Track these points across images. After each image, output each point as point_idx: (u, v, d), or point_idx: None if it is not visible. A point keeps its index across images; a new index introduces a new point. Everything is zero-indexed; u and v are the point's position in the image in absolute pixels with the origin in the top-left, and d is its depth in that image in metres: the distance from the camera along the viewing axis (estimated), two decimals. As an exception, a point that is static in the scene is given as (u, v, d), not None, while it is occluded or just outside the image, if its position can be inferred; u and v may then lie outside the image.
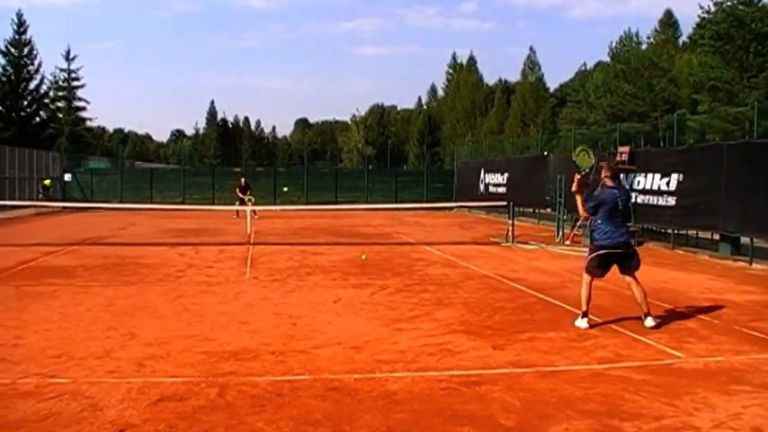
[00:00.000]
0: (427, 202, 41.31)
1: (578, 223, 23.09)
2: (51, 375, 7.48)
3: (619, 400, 6.83)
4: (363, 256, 18.11)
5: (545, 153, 33.58)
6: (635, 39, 67.33)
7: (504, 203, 26.59)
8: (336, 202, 41.47)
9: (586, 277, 10.39)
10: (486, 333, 9.66)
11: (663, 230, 22.29)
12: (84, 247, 20.59)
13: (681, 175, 20.46)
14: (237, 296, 12.52)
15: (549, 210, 29.58)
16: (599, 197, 10.33)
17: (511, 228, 22.51)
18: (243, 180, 35.82)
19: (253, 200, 33.82)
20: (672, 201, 20.78)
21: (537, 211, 32.42)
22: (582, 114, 65.35)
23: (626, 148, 23.78)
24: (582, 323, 10.10)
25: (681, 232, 21.83)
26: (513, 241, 22.01)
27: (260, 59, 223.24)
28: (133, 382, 7.27)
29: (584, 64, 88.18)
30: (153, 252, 19.33)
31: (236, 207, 31.52)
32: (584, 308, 10.19)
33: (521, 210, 29.62)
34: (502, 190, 35.50)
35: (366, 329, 9.85)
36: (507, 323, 10.37)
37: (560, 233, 23.05)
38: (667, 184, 21.07)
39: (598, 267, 10.36)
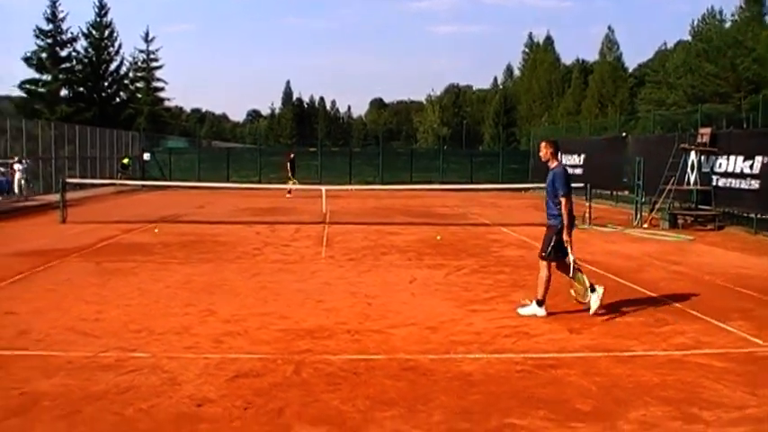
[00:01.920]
0: (502, 182, 40.98)
1: (657, 206, 22.72)
2: (131, 350, 7.69)
3: (698, 388, 6.72)
4: (438, 237, 18.10)
5: (623, 134, 33.06)
6: (718, 17, 65.70)
7: (581, 185, 26.30)
8: (411, 182, 41.46)
9: (545, 268, 9.76)
10: (562, 316, 9.59)
11: (745, 215, 21.75)
12: (162, 225, 20.95)
13: (765, 158, 19.94)
14: (313, 275, 12.63)
15: (626, 192, 29.09)
16: (566, 174, 9.93)
17: (587, 210, 22.22)
18: (292, 157, 36.28)
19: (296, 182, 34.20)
20: (756, 184, 20.29)
21: (614, 193, 31.88)
22: (661, 95, 64.05)
23: (707, 130, 23.29)
24: (540, 311, 9.62)
25: (764, 217, 21.30)
26: (589, 224, 21.73)
27: (335, 40, 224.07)
28: (210, 357, 7.43)
29: (665, 43, 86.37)
30: (230, 230, 19.60)
31: (289, 186, 32.13)
32: (541, 296, 9.71)
33: (597, 192, 29.17)
34: (579, 171, 35.00)
35: (441, 310, 9.86)
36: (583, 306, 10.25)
37: (638, 216, 22.64)
38: (751, 166, 20.58)
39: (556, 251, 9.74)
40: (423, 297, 10.83)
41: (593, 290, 9.67)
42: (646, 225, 21.79)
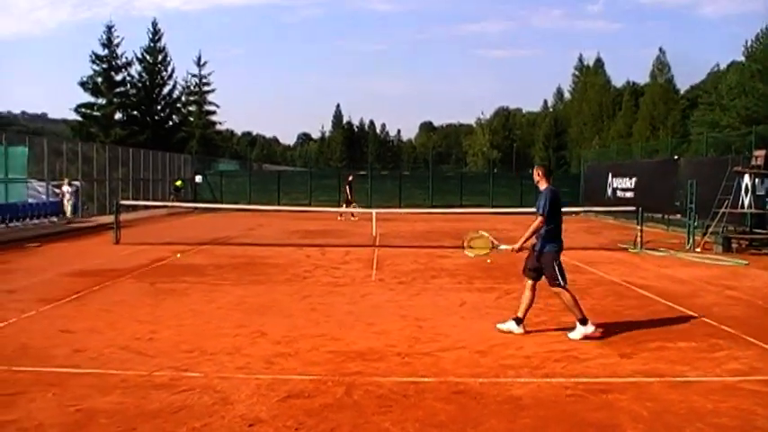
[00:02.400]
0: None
1: (710, 230, 22.43)
2: (184, 369, 7.80)
3: (752, 416, 6.62)
4: (488, 260, 18.05)
5: (675, 157, 32.74)
6: (773, 36, 64.64)
7: (633, 209, 26.11)
8: (461, 206, 41.43)
9: (564, 293, 10.00)
10: (613, 340, 9.52)
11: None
12: (213, 247, 21.29)
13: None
14: (364, 297, 12.69)
15: (678, 216, 28.75)
16: (554, 195, 10.07)
17: (639, 234, 22.06)
18: (350, 179, 36.64)
19: (356, 204, 34.43)
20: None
21: (666, 216, 31.54)
22: (715, 117, 63.10)
23: (762, 152, 22.94)
24: (588, 329, 9.70)
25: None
26: (641, 247, 21.57)
27: (385, 63, 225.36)
28: (262, 378, 7.50)
29: (717, 65, 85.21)
30: (281, 252, 19.77)
31: (343, 209, 32.34)
32: (580, 315, 9.84)
33: (649, 215, 28.85)
34: (630, 195, 34.79)
35: (491, 333, 9.84)
36: (634, 331, 10.17)
37: (691, 240, 22.38)
38: (807, 188, 20.29)
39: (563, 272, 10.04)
40: (473, 320, 10.83)
41: (583, 322, 9.77)
42: (699, 249, 21.52)
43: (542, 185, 10.21)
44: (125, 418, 6.27)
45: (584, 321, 9.73)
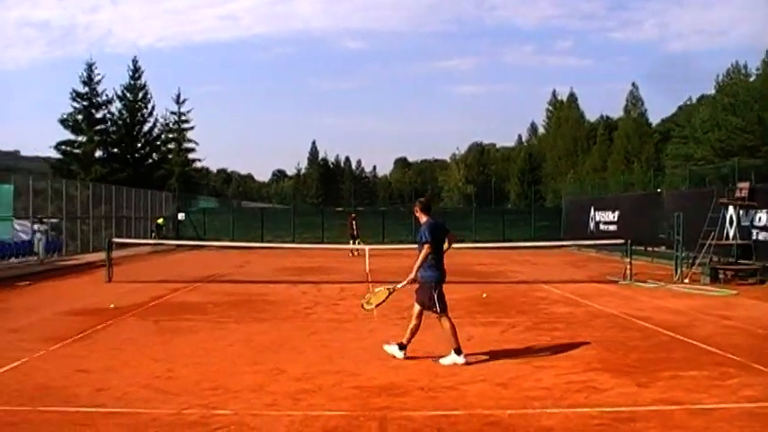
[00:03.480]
0: (534, 240, 41.16)
1: (697, 261, 22.69)
2: (213, 407, 7.81)
3: (781, 440, 6.76)
4: (484, 295, 18.22)
5: (658, 190, 33.15)
6: (743, 71, 65.86)
7: (617, 242, 26.42)
8: (444, 241, 41.50)
9: (445, 320, 10.54)
10: (627, 371, 9.64)
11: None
12: (207, 284, 21.31)
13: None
14: (371, 333, 12.77)
15: (663, 247, 29.07)
16: (431, 226, 10.59)
17: (629, 266, 22.30)
18: (353, 216, 36.86)
19: (360, 241, 34.60)
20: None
21: (650, 249, 31.83)
22: (689, 150, 64.02)
23: (746, 184, 23.39)
24: (460, 359, 10.16)
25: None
26: (631, 279, 21.79)
27: (359, 99, 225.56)
28: (293, 414, 7.55)
29: (690, 98, 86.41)
30: (275, 290, 19.80)
31: (351, 246, 32.42)
32: (456, 344, 10.31)
33: (633, 247, 29.13)
34: (613, 228, 35.17)
35: (506, 366, 9.95)
36: (645, 361, 10.31)
37: (679, 271, 22.62)
38: (790, 220, 20.64)
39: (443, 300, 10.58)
40: (484, 354, 10.91)
41: (458, 352, 10.23)
42: (687, 280, 21.74)
43: (422, 219, 10.77)
44: (165, 458, 6.31)
45: (458, 351, 10.20)
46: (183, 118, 73.50)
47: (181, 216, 46.91)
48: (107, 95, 62.11)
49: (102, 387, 8.67)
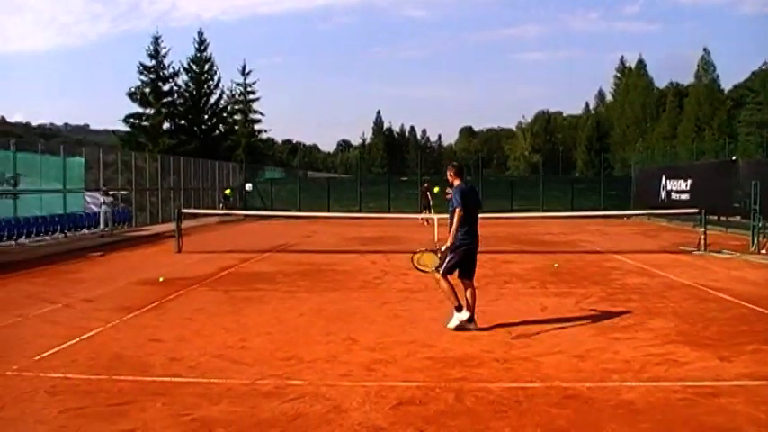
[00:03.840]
0: (604, 209, 40.53)
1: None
2: (287, 377, 7.78)
3: None
4: (555, 264, 17.96)
5: (733, 158, 32.32)
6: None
7: (690, 211, 25.88)
8: (512, 210, 41.22)
9: (442, 280, 10.50)
10: (707, 344, 9.37)
11: None
12: (275, 254, 21.40)
13: None
14: (442, 303, 12.52)
15: (737, 217, 28.36)
16: (463, 191, 10.52)
17: (703, 236, 21.80)
18: (426, 186, 36.73)
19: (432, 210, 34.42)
20: None
21: (723, 218, 31.09)
22: (764, 116, 62.37)
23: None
24: (463, 315, 10.34)
25: None
26: (705, 249, 21.29)
27: (423, 69, 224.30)
28: (368, 385, 7.46)
29: (765, 63, 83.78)
30: (344, 259, 19.77)
31: (424, 215, 32.18)
32: (456, 302, 10.39)
33: (706, 217, 28.50)
34: (685, 197, 34.45)
35: (582, 338, 9.74)
36: (725, 334, 10.01)
37: (755, 241, 22.02)
38: None
39: (456, 267, 10.54)
40: (560, 325, 10.71)
41: (459, 309, 10.35)
42: (764, 251, 21.13)
43: (455, 183, 10.76)
44: (241, 428, 6.26)
45: (459, 308, 10.37)
46: (249, 89, 73.59)
47: (248, 187, 47.18)
48: (173, 68, 62.62)
49: (175, 356, 8.72)
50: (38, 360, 8.57)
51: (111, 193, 29.87)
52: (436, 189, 34.48)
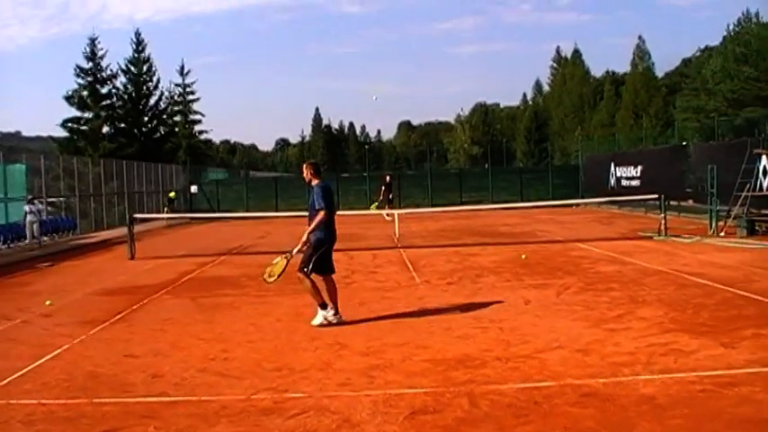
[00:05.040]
0: (553, 199, 40.60)
1: (733, 214, 22.07)
2: (283, 390, 7.29)
3: None
4: (523, 256, 17.72)
5: (683, 143, 32.53)
6: (754, 19, 64.54)
7: (650, 197, 25.95)
8: (461, 203, 41.09)
9: (306, 280, 10.55)
10: (703, 331, 9.14)
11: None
12: (233, 257, 20.92)
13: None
14: (422, 300, 12.27)
15: (690, 201, 28.47)
16: (324, 190, 10.65)
17: (663, 221, 21.78)
18: (388, 180, 36.79)
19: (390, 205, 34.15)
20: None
21: (672, 203, 31.14)
22: (700, 102, 63.13)
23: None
24: (328, 312, 10.45)
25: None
26: (666, 234, 21.26)
27: (359, 64, 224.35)
28: (372, 394, 7.03)
29: (706, 48, 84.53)
30: (306, 259, 19.21)
31: (386, 210, 31.75)
32: (320, 300, 10.51)
33: (655, 202, 28.55)
34: (635, 183, 34.57)
35: (578, 331, 9.44)
36: (719, 320, 9.81)
37: (713, 225, 22.04)
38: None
39: (318, 265, 10.63)
40: (549, 319, 10.38)
41: (324, 306, 10.47)
42: (722, 234, 21.19)
43: (314, 182, 10.85)
44: (248, 450, 5.80)
45: (323, 306, 10.47)
46: (188, 89, 72.65)
47: (194, 189, 46.31)
48: (111, 70, 61.21)
49: (156, 373, 8.13)
50: (5, 385, 7.87)
51: (36, 201, 27.71)
52: None
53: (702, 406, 6.34)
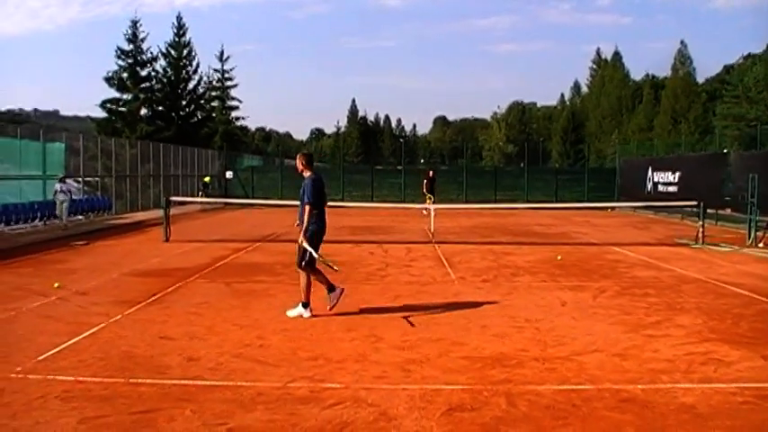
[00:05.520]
0: (587, 201, 40.27)
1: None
2: (319, 380, 7.30)
3: None
4: (559, 257, 17.59)
5: (724, 150, 32.15)
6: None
7: (689, 203, 25.72)
8: (496, 201, 40.90)
9: (303, 275, 10.58)
10: (743, 342, 9.02)
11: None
12: (267, 244, 20.95)
13: None
14: (457, 296, 12.21)
15: (728, 210, 28.12)
16: (314, 183, 10.56)
17: (701, 229, 21.53)
18: (431, 175, 36.57)
19: (432, 198, 34.06)
20: None
21: (711, 211, 30.78)
22: (741, 110, 62.41)
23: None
24: (306, 313, 10.40)
25: None
26: (703, 243, 21.02)
27: (397, 58, 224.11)
28: (409, 388, 7.01)
29: (749, 55, 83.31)
30: (340, 249, 18.95)
31: (426, 204, 31.56)
32: (307, 299, 10.50)
33: (692, 209, 28.22)
34: (673, 189, 34.23)
35: (615, 335, 9.35)
36: (759, 331, 9.69)
37: (752, 234, 21.75)
38: None
39: (313, 258, 10.59)
40: (586, 321, 10.30)
41: (306, 306, 10.43)
42: (761, 244, 20.89)
43: (306, 173, 10.74)
44: (286, 438, 5.78)
45: (305, 305, 10.43)
46: (227, 76, 72.91)
47: (229, 174, 46.49)
48: (152, 53, 61.25)
49: (192, 356, 8.17)
50: (42, 360, 7.97)
51: (67, 180, 27.66)
52: None
53: (745, 418, 6.26)
